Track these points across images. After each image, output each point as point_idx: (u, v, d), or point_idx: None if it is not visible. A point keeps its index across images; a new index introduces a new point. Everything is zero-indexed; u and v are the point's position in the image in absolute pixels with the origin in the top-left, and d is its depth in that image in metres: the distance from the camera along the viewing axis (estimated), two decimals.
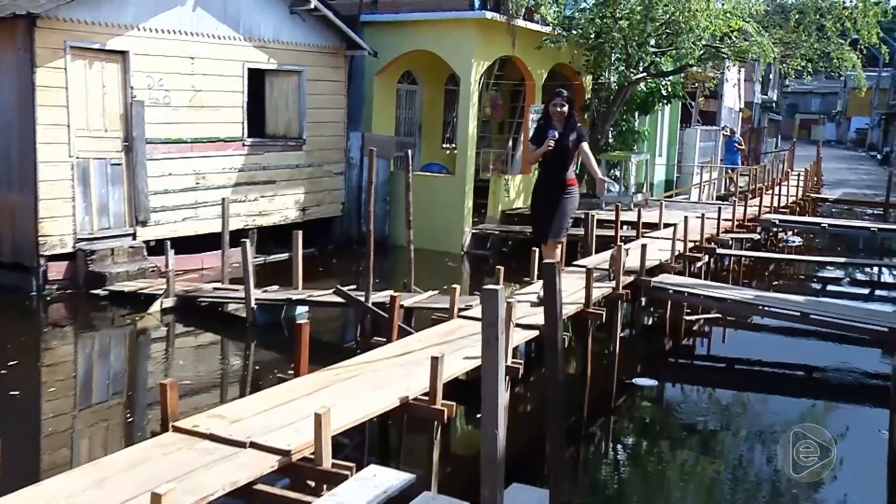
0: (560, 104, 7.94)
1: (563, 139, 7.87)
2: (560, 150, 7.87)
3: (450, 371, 5.96)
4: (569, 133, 7.91)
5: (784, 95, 54.76)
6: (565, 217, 8.09)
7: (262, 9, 13.50)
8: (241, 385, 8.48)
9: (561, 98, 7.99)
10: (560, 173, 8.03)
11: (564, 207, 8.05)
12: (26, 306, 10.69)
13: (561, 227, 8.07)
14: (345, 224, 15.63)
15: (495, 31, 15.32)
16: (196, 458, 4.50)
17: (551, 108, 7.99)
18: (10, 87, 10.84)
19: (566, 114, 7.95)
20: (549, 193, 8.10)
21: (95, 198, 11.41)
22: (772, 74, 39.36)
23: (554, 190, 8.07)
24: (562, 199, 8.03)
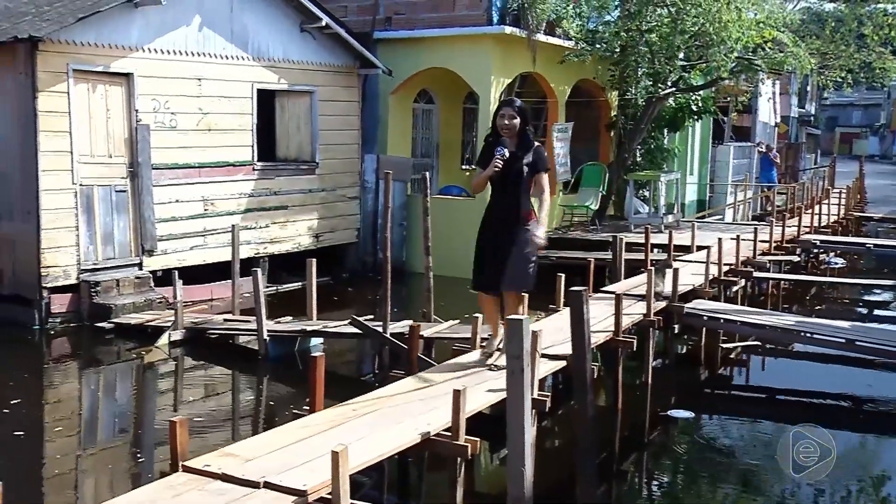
0: (509, 115, 6.81)
1: (515, 160, 6.78)
2: (512, 175, 6.77)
3: (473, 405, 5.95)
4: (523, 154, 6.83)
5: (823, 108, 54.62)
6: (525, 261, 6.85)
7: (272, 27, 13.66)
8: (254, 421, 8.50)
9: (510, 108, 6.85)
10: (512, 204, 6.86)
11: (521, 248, 6.82)
12: (29, 341, 10.78)
13: (524, 273, 6.90)
14: (360, 251, 15.68)
15: (515, 47, 15.41)
16: (208, 499, 4.51)
17: (499, 122, 6.85)
18: (10, 112, 11.02)
19: (517, 128, 6.83)
20: (497, 230, 6.93)
21: (100, 226, 11.53)
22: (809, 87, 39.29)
23: (503, 225, 6.90)
24: (516, 238, 6.81)
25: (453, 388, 5.54)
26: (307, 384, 6.09)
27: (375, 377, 9.59)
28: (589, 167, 18.14)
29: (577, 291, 4.98)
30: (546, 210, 6.92)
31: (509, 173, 6.76)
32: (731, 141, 26.52)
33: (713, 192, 25.02)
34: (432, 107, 17.98)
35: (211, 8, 12.69)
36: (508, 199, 6.86)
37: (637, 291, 10.05)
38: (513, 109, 6.84)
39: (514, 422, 3.90)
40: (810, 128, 45.07)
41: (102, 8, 11.01)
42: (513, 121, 6.80)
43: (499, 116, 6.87)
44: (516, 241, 6.81)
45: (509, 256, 6.83)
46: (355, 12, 16.43)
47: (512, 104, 6.90)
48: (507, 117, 6.82)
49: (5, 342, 10.72)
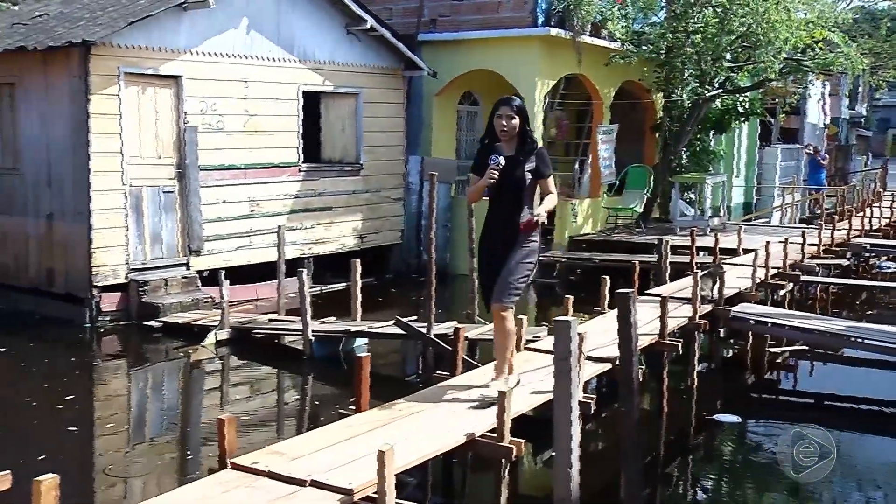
0: (507, 115, 6.09)
1: (513, 168, 6.05)
2: (511, 184, 6.05)
3: (517, 406, 5.95)
4: (523, 159, 6.11)
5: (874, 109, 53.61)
6: (514, 273, 6.15)
7: (318, 30, 13.78)
8: (299, 420, 8.59)
9: (508, 107, 6.11)
10: (511, 215, 6.14)
11: (515, 260, 6.16)
12: (80, 339, 11.00)
13: (507, 285, 6.15)
14: (404, 252, 15.75)
15: (560, 49, 15.38)
16: (255, 496, 4.57)
17: (495, 122, 6.13)
18: (64, 115, 11.23)
19: (517, 130, 6.12)
20: (494, 245, 6.28)
21: (148, 227, 11.71)
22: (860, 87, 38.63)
23: (501, 240, 6.22)
24: (512, 250, 6.16)
25: (498, 390, 5.56)
26: (352, 384, 6.14)
27: (419, 378, 9.63)
28: (634, 169, 18.05)
29: (623, 293, 4.96)
30: (548, 205, 6.16)
31: (507, 181, 6.01)
32: (779, 143, 26.21)
33: (760, 195, 24.75)
34: (476, 108, 17.99)
35: (258, 11, 12.84)
36: (506, 210, 6.15)
37: (682, 295, 9.97)
38: (511, 108, 6.10)
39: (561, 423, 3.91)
40: (861, 129, 44.31)
41: (153, 12, 11.20)
42: (511, 121, 6.08)
43: (495, 117, 6.14)
44: (512, 253, 6.15)
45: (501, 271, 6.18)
46: (400, 14, 16.50)
47: (509, 102, 6.16)
48: (504, 118, 6.09)
49: (59, 340, 10.98)
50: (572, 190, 18.08)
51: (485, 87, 17.15)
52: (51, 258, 11.61)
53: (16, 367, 9.89)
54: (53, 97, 11.35)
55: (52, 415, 8.24)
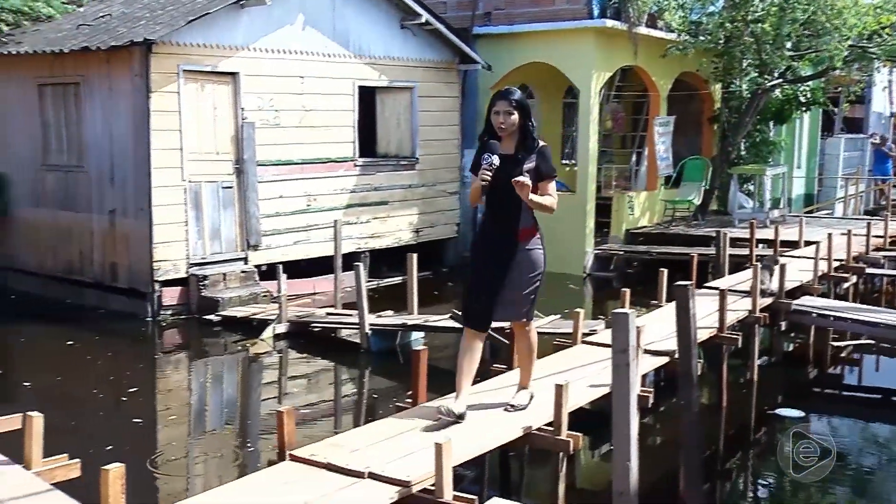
0: (505, 110, 5.49)
1: (511, 168, 5.39)
2: (508, 185, 5.35)
3: (575, 400, 5.93)
4: (524, 157, 5.52)
5: None
6: (523, 286, 5.63)
7: (373, 25, 13.85)
8: (356, 413, 8.66)
9: (506, 102, 5.50)
10: (508, 221, 5.56)
11: (518, 275, 5.59)
12: (142, 332, 11.22)
13: (522, 300, 5.67)
14: (460, 246, 15.75)
15: (616, 40, 15.24)
16: (315, 487, 4.62)
17: (492, 118, 5.55)
18: (126, 113, 11.45)
19: (516, 126, 5.52)
20: (490, 252, 5.66)
21: (207, 222, 11.89)
22: None
23: (498, 247, 5.63)
24: (513, 261, 5.57)
25: (555, 383, 5.54)
26: (408, 377, 6.17)
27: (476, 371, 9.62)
28: (691, 161, 17.83)
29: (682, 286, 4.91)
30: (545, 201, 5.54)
31: (504, 183, 5.34)
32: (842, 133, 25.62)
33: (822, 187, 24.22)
34: (532, 102, 17.90)
35: (314, 7, 12.94)
36: (504, 213, 5.55)
37: (741, 288, 9.83)
38: (509, 103, 5.49)
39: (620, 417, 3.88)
40: None
41: (211, 10, 11.35)
42: (509, 117, 5.48)
43: (492, 113, 5.55)
44: (513, 265, 5.57)
45: (504, 283, 5.58)
46: (455, 8, 16.50)
47: (508, 96, 5.56)
48: (502, 113, 5.49)
49: (122, 333, 11.22)
50: (629, 183, 17.93)
51: (540, 79, 17.09)
52: (114, 253, 11.85)
53: (82, 359, 10.13)
54: (116, 95, 11.58)
55: (117, 406, 8.44)
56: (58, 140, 12.46)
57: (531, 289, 5.69)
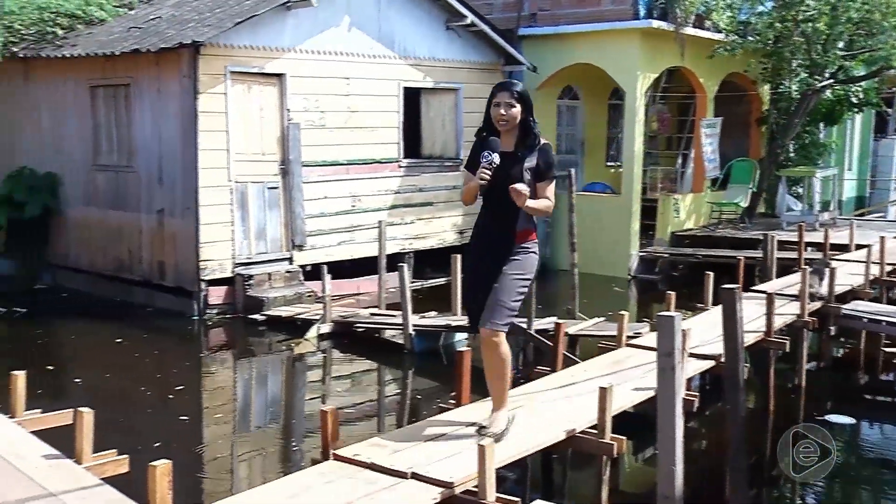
0: (506, 103, 5.18)
1: (510, 166, 5.11)
2: (506, 184, 5.01)
3: (619, 403, 5.89)
4: (524, 154, 5.19)
5: None
6: (507, 290, 5.17)
7: (418, 26, 13.88)
8: (400, 414, 8.69)
9: (508, 93, 5.20)
10: (505, 221, 5.21)
11: (508, 275, 5.20)
12: (188, 330, 11.36)
13: (498, 305, 5.16)
14: None
15: (662, 41, 15.12)
16: (358, 487, 4.64)
17: (492, 112, 5.23)
18: (174, 114, 11.61)
19: (517, 120, 5.20)
20: (483, 253, 5.34)
21: (253, 222, 12.01)
22: None
23: (492, 248, 5.28)
24: (504, 263, 5.21)
25: (599, 386, 5.51)
26: (451, 378, 6.18)
27: (519, 373, 9.61)
28: (738, 163, 17.63)
29: (728, 289, 4.85)
30: (541, 205, 5.17)
31: (502, 181, 5.04)
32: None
33: (874, 189, 23.80)
34: (577, 103, 17.85)
35: (359, 8, 13.01)
36: (500, 213, 5.19)
37: (790, 291, 9.70)
38: (510, 94, 5.19)
39: (665, 420, 3.85)
40: None
41: (258, 12, 11.46)
42: (511, 110, 5.16)
43: (493, 105, 5.23)
44: (504, 267, 5.20)
45: (490, 287, 5.21)
46: (500, 9, 16.49)
47: (509, 88, 5.25)
48: (503, 105, 5.17)
49: (169, 331, 11.38)
50: (674, 185, 17.78)
51: (585, 81, 17.01)
52: (162, 252, 12.02)
53: (130, 357, 10.29)
54: (164, 97, 11.74)
55: (165, 404, 8.55)
56: (108, 141, 12.67)
57: (515, 296, 5.19)
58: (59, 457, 4.97)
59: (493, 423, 5.30)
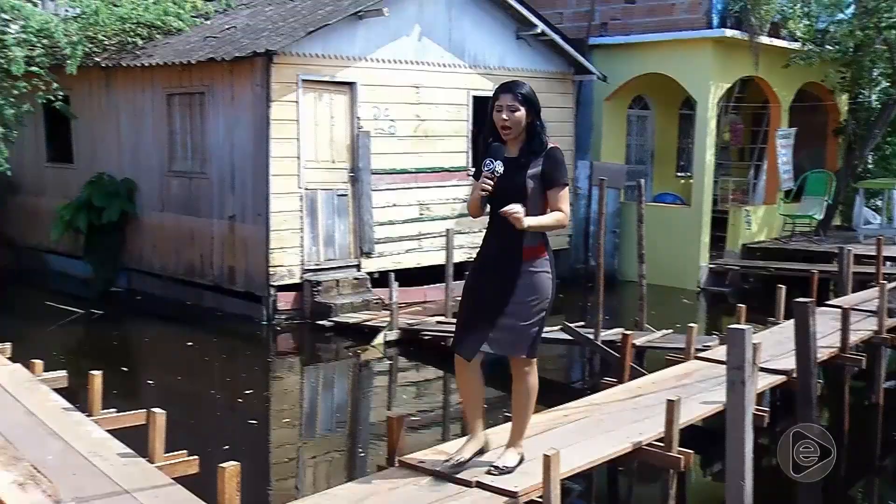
0: (510, 106, 4.65)
1: (517, 170, 4.66)
2: (511, 194, 4.60)
3: (687, 416, 5.83)
4: (528, 161, 4.70)
5: None
6: (525, 315, 4.73)
7: (488, 35, 13.92)
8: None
9: (511, 95, 4.67)
10: (508, 237, 4.64)
11: (520, 300, 4.71)
12: (257, 335, 11.55)
13: (523, 332, 4.75)
14: (571, 257, 15.65)
15: (736, 50, 14.92)
16: (423, 494, 4.67)
17: (495, 116, 4.71)
18: (247, 122, 11.82)
19: (522, 125, 4.70)
20: (488, 270, 4.82)
21: (322, 229, 12.15)
22: None
23: (498, 264, 4.76)
24: (514, 283, 4.70)
25: (667, 399, 5.46)
26: None
27: (585, 384, 9.56)
28: (814, 175, 17.26)
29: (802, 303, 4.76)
30: (548, 221, 4.67)
31: (507, 189, 4.61)
32: None
33: None
34: (647, 113, 17.70)
35: (430, 18, 13.10)
36: (504, 228, 4.60)
37: (866, 307, 9.46)
38: (514, 96, 4.65)
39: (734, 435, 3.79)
40: None
41: (330, 21, 11.62)
42: (515, 114, 4.65)
43: (495, 109, 4.71)
44: (514, 288, 4.71)
45: (502, 308, 4.72)
46: (571, 19, 16.45)
47: (513, 89, 4.68)
48: (505, 109, 4.65)
49: (238, 336, 11.59)
50: (746, 196, 17.50)
51: (656, 90, 16.86)
52: (232, 257, 12.24)
53: (200, 360, 10.51)
54: (238, 104, 11.97)
55: (234, 407, 8.70)
56: (183, 147, 12.96)
57: (534, 320, 4.74)
58: (133, 455, 5.10)
59: (503, 459, 4.91)
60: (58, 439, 5.34)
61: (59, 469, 4.85)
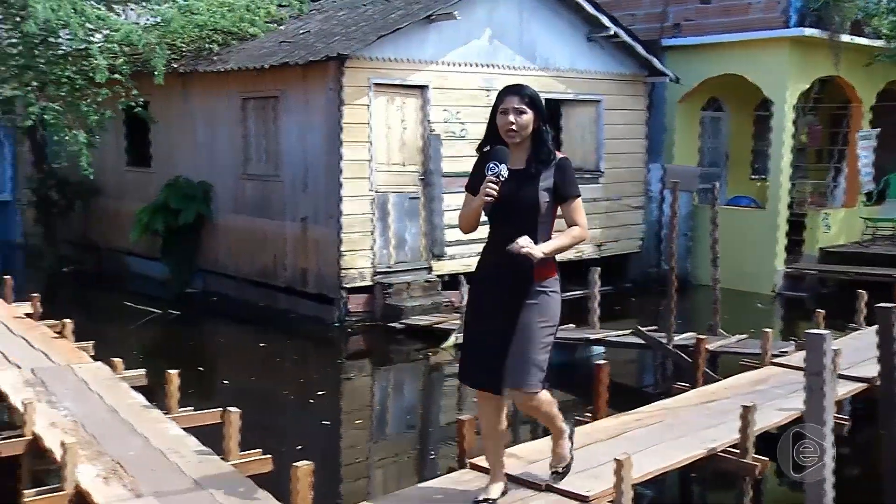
0: (515, 108, 4.29)
1: (522, 185, 4.26)
2: (519, 208, 4.26)
3: (762, 422, 5.73)
4: (537, 170, 4.30)
5: None
6: (532, 342, 4.27)
7: (559, 38, 13.86)
8: (535, 425, 8.65)
9: (518, 97, 4.30)
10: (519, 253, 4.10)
11: (529, 323, 4.28)
12: (329, 337, 11.68)
13: (527, 363, 4.28)
14: (643, 261, 15.51)
15: (814, 50, 14.60)
16: None
17: (499, 120, 4.35)
18: (319, 125, 11.97)
19: (529, 130, 4.34)
20: (493, 292, 4.39)
21: (393, 232, 12.23)
22: None
23: (504, 285, 4.34)
24: (520, 308, 4.29)
25: (742, 405, 5.37)
26: (587, 391, 6.13)
27: (657, 389, 9.45)
28: None
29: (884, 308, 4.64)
30: (565, 242, 4.28)
31: (513, 204, 4.23)
32: None
33: None
34: (721, 115, 17.41)
35: (501, 20, 13.10)
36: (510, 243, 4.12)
37: None
38: (521, 98, 4.29)
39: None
40: None
41: (402, 25, 11.71)
42: (522, 116, 4.28)
43: (499, 112, 4.33)
44: (522, 314, 4.27)
45: (508, 341, 4.28)
46: (643, 20, 16.28)
47: (520, 91, 4.34)
48: (511, 112, 4.28)
49: (310, 337, 11.74)
50: (824, 199, 17.09)
51: (730, 92, 16.58)
52: (305, 259, 12.39)
53: (273, 361, 10.66)
54: (310, 108, 12.13)
55: (306, 407, 8.81)
56: (257, 151, 13.18)
57: (544, 348, 4.31)
58: (209, 453, 5.21)
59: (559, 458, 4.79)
60: (138, 436, 5.49)
61: (139, 464, 4.99)
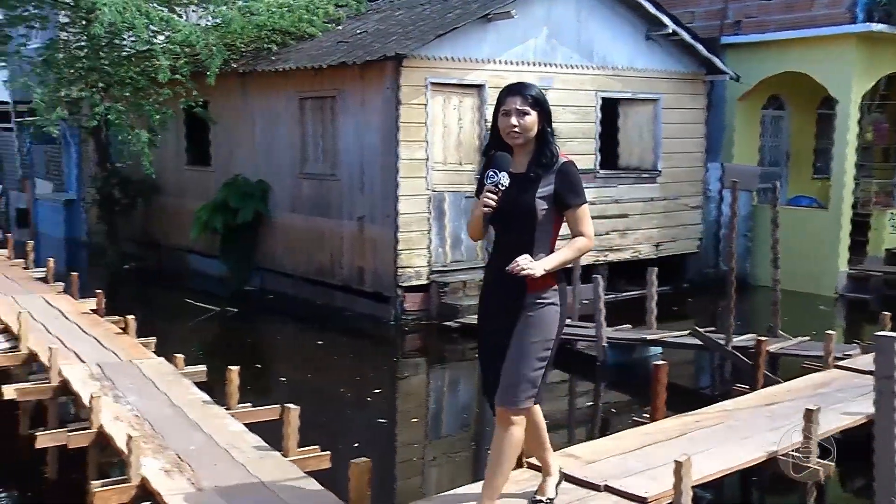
0: (517, 110, 4.03)
1: (521, 191, 4.04)
2: (518, 214, 4.06)
3: (826, 426, 5.62)
4: (535, 177, 4.07)
5: None
6: (525, 357, 4.06)
7: (617, 36, 13.75)
8: (591, 426, 8.62)
9: (521, 98, 4.03)
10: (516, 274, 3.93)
11: (525, 337, 4.07)
12: (385, 335, 11.74)
13: (517, 378, 4.06)
14: (701, 261, 15.33)
15: (882, 45, 14.27)
16: None
17: (500, 122, 4.09)
18: (376, 124, 12.05)
19: (533, 132, 4.08)
20: (494, 304, 4.21)
21: (449, 231, 12.25)
22: None
23: (502, 296, 4.15)
24: (518, 321, 4.09)
25: (804, 408, 5.28)
26: (645, 392, 6.08)
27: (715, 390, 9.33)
28: None
29: None
30: (568, 255, 4.08)
31: (512, 210, 4.03)
32: None
33: None
34: (782, 113, 17.12)
35: (558, 19, 13.05)
36: (509, 252, 3.98)
37: None
38: (524, 99, 4.03)
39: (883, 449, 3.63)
40: None
41: (459, 24, 11.73)
42: (525, 118, 4.03)
43: (501, 113, 4.08)
44: (518, 325, 4.08)
45: (505, 348, 4.11)
46: (702, 17, 16.09)
47: (523, 91, 4.06)
48: (514, 113, 4.02)
49: (367, 335, 11.82)
50: (891, 199, 16.71)
51: (792, 90, 16.30)
52: (361, 258, 12.47)
53: (330, 359, 10.76)
54: (367, 108, 12.21)
55: (363, 405, 8.87)
56: (314, 150, 13.31)
57: (536, 363, 4.06)
58: (268, 448, 5.28)
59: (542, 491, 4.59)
60: (199, 431, 5.58)
61: (200, 458, 5.07)
